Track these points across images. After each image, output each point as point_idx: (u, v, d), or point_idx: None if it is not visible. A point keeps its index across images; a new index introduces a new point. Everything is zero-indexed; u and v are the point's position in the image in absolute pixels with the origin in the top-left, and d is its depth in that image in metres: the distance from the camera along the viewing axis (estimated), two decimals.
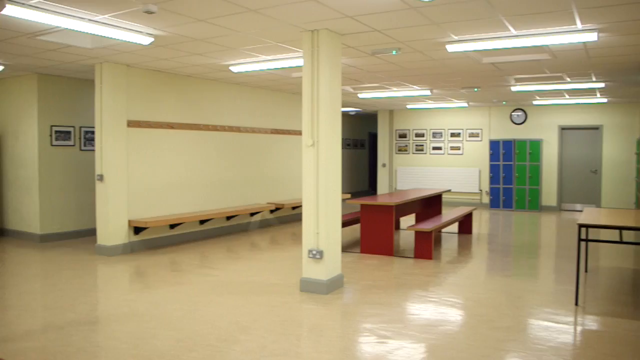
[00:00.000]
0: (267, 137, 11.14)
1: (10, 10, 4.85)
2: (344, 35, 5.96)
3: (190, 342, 4.30)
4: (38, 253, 8.17)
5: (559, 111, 14.06)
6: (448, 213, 9.50)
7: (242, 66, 7.91)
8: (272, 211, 11.10)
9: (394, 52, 6.80)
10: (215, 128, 9.76)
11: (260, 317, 4.99)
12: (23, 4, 4.87)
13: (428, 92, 11.15)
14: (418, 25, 5.54)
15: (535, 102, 13.28)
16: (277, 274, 6.81)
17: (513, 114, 14.57)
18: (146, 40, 6.12)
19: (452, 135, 15.38)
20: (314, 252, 5.75)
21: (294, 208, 11.53)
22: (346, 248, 8.50)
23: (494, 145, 14.46)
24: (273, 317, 5.00)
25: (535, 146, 14.07)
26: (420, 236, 7.75)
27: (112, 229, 7.96)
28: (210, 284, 6.27)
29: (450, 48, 6.45)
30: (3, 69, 8.31)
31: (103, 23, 5.53)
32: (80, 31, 5.64)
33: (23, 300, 5.64)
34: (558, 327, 4.69)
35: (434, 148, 15.67)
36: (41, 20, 5.24)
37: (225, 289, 6.03)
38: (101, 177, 7.93)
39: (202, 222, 9.40)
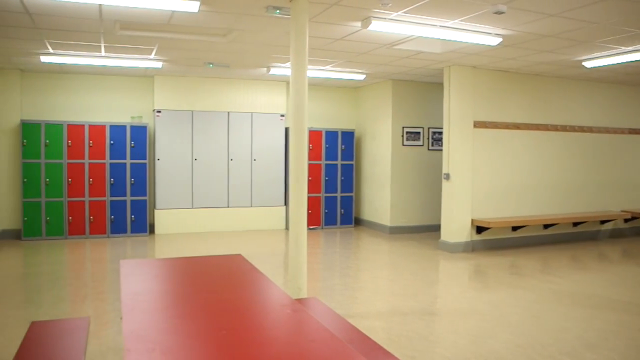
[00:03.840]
0: (624, 137, 9.98)
1: (374, 25, 5.47)
2: None
3: (529, 349, 4.17)
4: (387, 243, 8.98)
5: None
6: None
7: (597, 60, 7.27)
8: (626, 220, 9.93)
9: None
10: (563, 128, 9.20)
11: (609, 335, 4.53)
12: (384, 19, 5.42)
13: None
14: None
15: None
16: (630, 290, 6.07)
17: None
18: (494, 41, 6.14)
19: None
20: None
21: None
22: None
23: None
24: (625, 339, 4.48)
25: None
26: None
27: (455, 226, 8.22)
28: (552, 291, 5.95)
29: None
30: (364, 78, 9.37)
31: (453, 28, 5.76)
32: (431, 37, 6.01)
33: (375, 284, 6.29)
34: None
35: None
36: (399, 32, 5.78)
37: (569, 299, 5.65)
38: (447, 176, 8.26)
39: (545, 226, 8.97)
